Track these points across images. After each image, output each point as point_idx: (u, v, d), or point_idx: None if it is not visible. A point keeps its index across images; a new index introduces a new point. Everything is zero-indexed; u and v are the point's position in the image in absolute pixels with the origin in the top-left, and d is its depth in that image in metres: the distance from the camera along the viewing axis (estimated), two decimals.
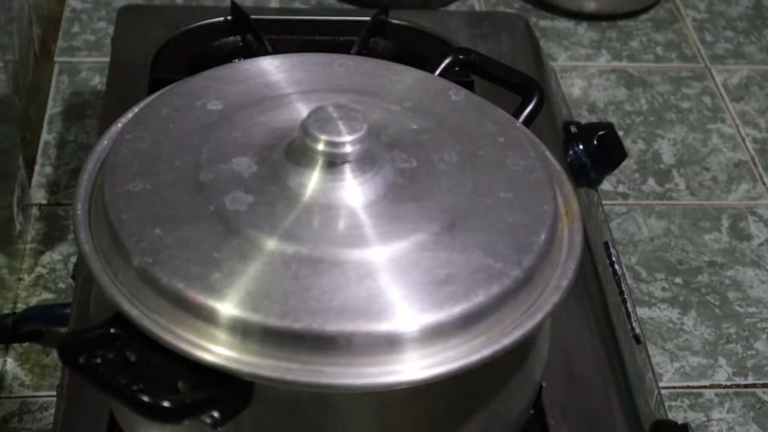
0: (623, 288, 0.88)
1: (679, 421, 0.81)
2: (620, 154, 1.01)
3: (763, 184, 1.43)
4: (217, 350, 0.54)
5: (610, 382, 0.77)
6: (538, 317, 0.58)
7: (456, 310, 0.55)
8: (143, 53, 1.01)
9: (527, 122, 0.73)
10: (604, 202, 1.06)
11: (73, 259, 1.16)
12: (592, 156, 0.97)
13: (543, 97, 0.75)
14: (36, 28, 1.46)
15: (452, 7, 1.70)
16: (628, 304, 0.88)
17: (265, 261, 0.56)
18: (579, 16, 1.69)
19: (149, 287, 0.55)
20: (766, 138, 1.51)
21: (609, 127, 1.00)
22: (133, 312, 0.55)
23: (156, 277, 0.55)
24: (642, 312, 1.24)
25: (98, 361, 0.53)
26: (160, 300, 0.55)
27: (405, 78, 0.71)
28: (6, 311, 1.15)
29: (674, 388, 1.17)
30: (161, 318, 0.55)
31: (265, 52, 0.99)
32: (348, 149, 0.59)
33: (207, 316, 0.54)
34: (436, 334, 0.55)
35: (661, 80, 1.59)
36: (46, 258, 1.23)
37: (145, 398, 0.51)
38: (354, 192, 0.59)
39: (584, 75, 1.59)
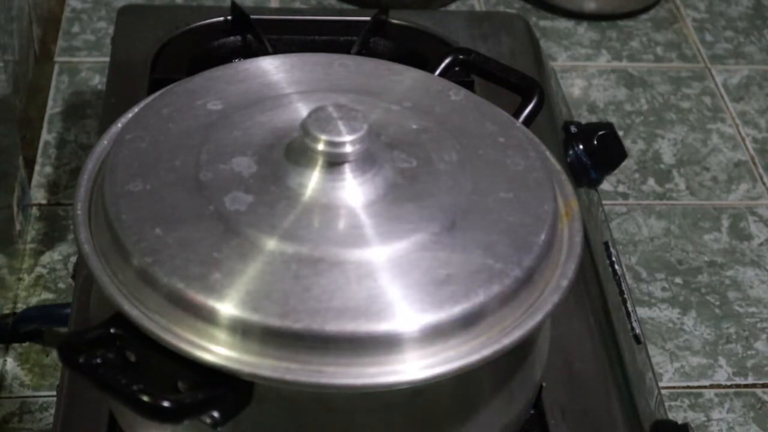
0: (623, 288, 0.88)
1: (679, 421, 0.81)
2: (620, 154, 1.01)
3: (763, 184, 1.43)
4: (217, 350, 0.54)
5: (610, 382, 0.77)
6: (538, 317, 0.58)
7: (456, 310, 0.55)
8: (143, 53, 1.01)
9: (527, 122, 0.73)
10: (604, 202, 1.06)
11: (73, 259, 1.16)
12: (592, 156, 0.97)
13: (543, 97, 0.75)
14: (36, 28, 1.46)
15: (452, 7, 1.70)
16: (628, 304, 0.88)
17: (265, 261, 0.56)
18: (579, 16, 1.69)
19: (149, 287, 0.55)
20: (766, 138, 1.51)
21: (609, 127, 1.00)
22: (133, 312, 0.55)
23: (156, 277, 0.55)
24: (642, 312, 1.24)
25: (98, 361, 0.53)
26: (160, 300, 0.55)
27: (405, 78, 0.71)
28: (6, 311, 1.15)
29: (674, 388, 1.17)
30: (161, 318, 0.55)
31: (265, 52, 0.99)
32: (348, 149, 0.59)
33: (207, 316, 0.54)
34: (436, 334, 0.55)
35: (661, 80, 1.59)
36: (46, 258, 1.23)
37: (145, 398, 0.51)
38: (354, 192, 0.59)
39: (584, 75, 1.59)
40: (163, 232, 0.57)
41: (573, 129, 0.99)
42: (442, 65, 0.77)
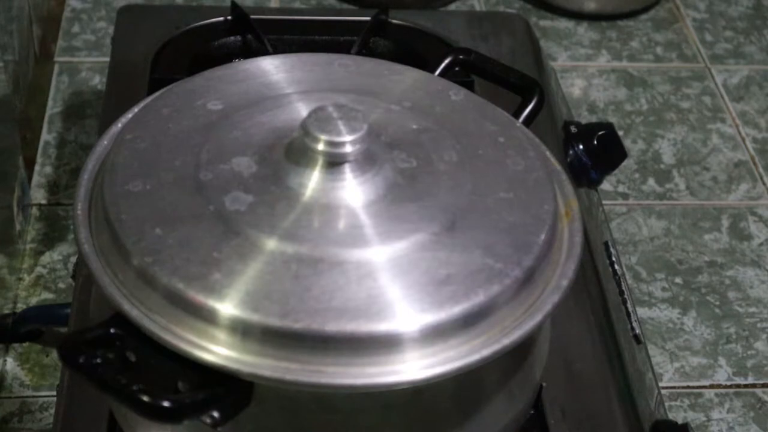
0: (623, 288, 0.88)
1: (679, 421, 0.81)
2: (620, 154, 1.01)
3: (763, 184, 1.43)
4: (217, 350, 0.54)
5: (610, 382, 0.77)
6: (538, 317, 0.58)
7: (456, 310, 0.55)
8: (143, 53, 1.01)
9: (527, 122, 0.73)
10: (604, 202, 1.06)
11: (73, 259, 1.16)
12: (592, 156, 0.97)
13: (543, 97, 0.75)
14: (36, 28, 1.46)
15: (452, 7, 1.70)
16: (628, 304, 0.88)
17: (265, 261, 0.56)
18: (579, 16, 1.69)
19: (149, 287, 0.55)
20: (766, 138, 1.51)
21: (609, 127, 1.00)
22: (133, 312, 0.55)
23: (156, 277, 0.55)
24: (642, 312, 1.24)
25: (98, 361, 0.53)
26: (160, 300, 0.55)
27: (405, 78, 0.71)
28: (6, 311, 1.15)
29: (674, 388, 1.17)
30: (161, 318, 0.55)
31: (265, 52, 0.99)
32: (348, 149, 0.59)
33: (207, 316, 0.54)
34: (436, 334, 0.55)
35: (661, 80, 1.59)
36: (46, 258, 1.23)
37: (145, 398, 0.51)
38: (354, 192, 0.59)
39: (584, 75, 1.59)
40: (163, 232, 0.57)
41: (573, 129, 0.99)
42: (442, 65, 0.77)
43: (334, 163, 0.59)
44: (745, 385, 1.18)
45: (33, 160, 1.34)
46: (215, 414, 0.54)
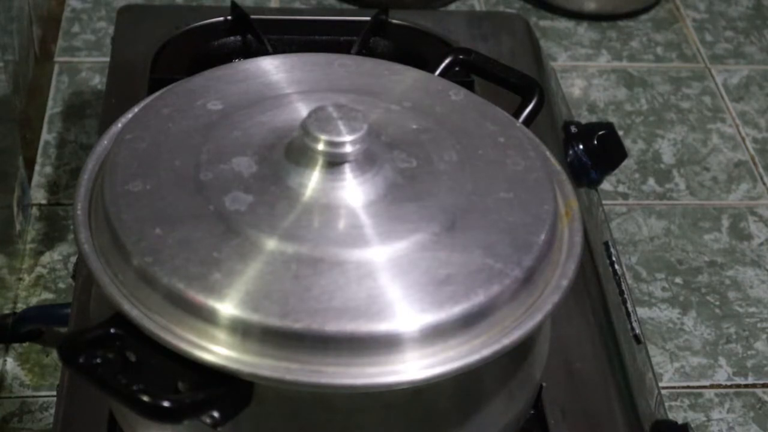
0: (623, 288, 0.88)
1: (679, 421, 0.81)
2: (620, 154, 1.01)
3: (763, 184, 1.43)
4: (217, 350, 0.54)
5: (610, 382, 0.77)
6: (538, 317, 0.58)
7: (456, 310, 0.55)
8: (143, 53, 1.01)
9: (527, 122, 0.73)
10: (604, 202, 1.06)
11: (73, 259, 1.16)
12: (592, 156, 0.97)
13: (543, 97, 0.75)
14: (36, 28, 1.46)
15: (452, 7, 1.70)
16: (628, 304, 0.88)
17: (265, 261, 0.56)
18: (579, 16, 1.69)
19: (149, 287, 0.55)
20: (766, 138, 1.51)
21: (609, 127, 1.00)
22: (133, 312, 0.55)
23: (156, 277, 0.55)
24: (642, 312, 1.24)
25: (98, 361, 0.53)
26: (160, 300, 0.55)
27: (405, 78, 0.71)
28: (6, 311, 1.15)
29: (674, 388, 1.17)
30: (161, 318, 0.55)
31: (265, 52, 0.99)
32: (348, 149, 0.59)
33: (207, 316, 0.54)
34: (436, 334, 0.55)
35: (661, 80, 1.59)
36: (46, 258, 1.23)
37: (145, 398, 0.51)
38: (354, 192, 0.59)
39: (584, 75, 1.59)
40: (163, 232, 0.57)
41: (573, 129, 0.99)
42: (442, 65, 0.77)
43: (334, 163, 0.59)
44: (745, 385, 1.18)
45: (33, 160, 1.34)
46: (215, 414, 0.54)
